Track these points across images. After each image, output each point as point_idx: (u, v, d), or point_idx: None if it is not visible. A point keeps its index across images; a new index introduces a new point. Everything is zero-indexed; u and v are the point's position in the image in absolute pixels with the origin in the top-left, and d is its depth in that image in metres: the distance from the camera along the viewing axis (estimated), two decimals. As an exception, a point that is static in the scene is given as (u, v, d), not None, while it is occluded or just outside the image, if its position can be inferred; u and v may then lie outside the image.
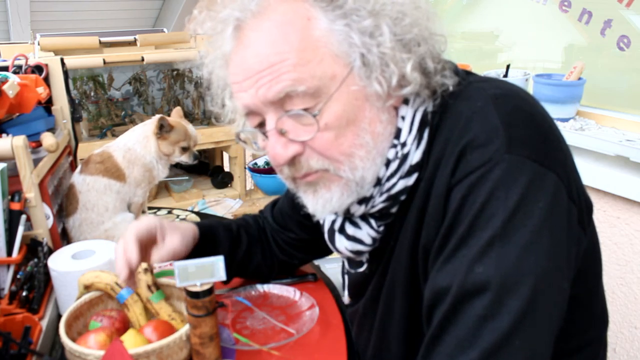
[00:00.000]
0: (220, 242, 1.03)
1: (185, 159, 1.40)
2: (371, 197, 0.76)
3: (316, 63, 0.67)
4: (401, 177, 0.73)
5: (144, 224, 0.89)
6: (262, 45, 0.68)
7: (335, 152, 0.70)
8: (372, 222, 0.80)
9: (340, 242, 0.84)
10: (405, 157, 0.72)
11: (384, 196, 0.75)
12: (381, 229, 0.80)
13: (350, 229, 0.82)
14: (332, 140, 0.70)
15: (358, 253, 0.85)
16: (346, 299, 0.98)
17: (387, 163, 0.73)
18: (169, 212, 1.59)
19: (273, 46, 0.67)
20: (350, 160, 0.71)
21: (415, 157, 0.72)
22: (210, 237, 1.02)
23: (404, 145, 0.72)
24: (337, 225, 0.85)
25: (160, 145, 1.32)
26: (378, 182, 0.74)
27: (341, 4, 0.67)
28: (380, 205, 0.76)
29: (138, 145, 1.30)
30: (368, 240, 0.81)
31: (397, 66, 0.68)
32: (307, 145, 0.70)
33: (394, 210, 0.78)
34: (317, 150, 0.70)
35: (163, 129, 1.32)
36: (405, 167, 0.73)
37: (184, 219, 1.52)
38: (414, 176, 0.73)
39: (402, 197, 0.75)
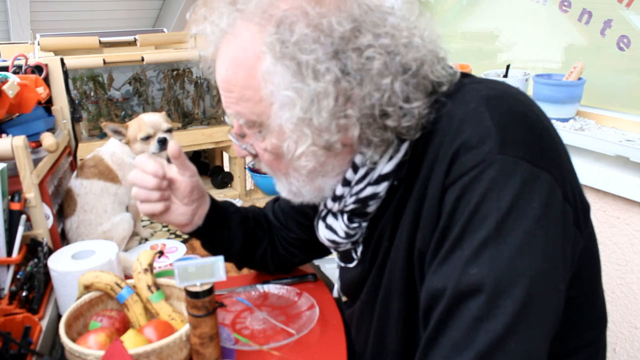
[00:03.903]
0: (230, 215, 1.05)
1: (153, 149, 1.28)
2: (342, 197, 0.78)
3: (255, 102, 0.71)
4: (369, 184, 0.76)
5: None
6: (222, 69, 0.73)
7: (274, 168, 0.79)
8: (344, 217, 0.83)
9: (321, 229, 0.88)
10: (374, 164, 0.74)
11: (353, 198, 0.78)
12: (354, 225, 0.82)
13: (329, 219, 0.86)
14: (272, 160, 0.77)
15: (335, 243, 0.87)
16: (335, 292, 0.98)
17: (355, 168, 0.75)
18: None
19: (227, 74, 0.72)
20: (287, 178, 0.79)
21: (385, 167, 0.74)
22: (222, 208, 1.04)
23: (363, 152, 0.73)
24: (322, 214, 0.88)
25: (130, 148, 1.29)
26: (348, 184, 0.77)
27: (281, 57, 0.66)
28: (352, 206, 0.79)
29: (119, 149, 1.30)
30: (341, 233, 0.84)
31: (295, 142, 0.70)
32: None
33: (369, 210, 0.80)
34: (262, 161, 0.80)
35: (119, 134, 1.28)
36: (374, 175, 0.75)
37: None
38: (383, 185, 0.75)
39: (372, 202, 0.78)
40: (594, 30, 1.55)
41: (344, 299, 1.00)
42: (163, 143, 1.29)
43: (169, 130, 1.32)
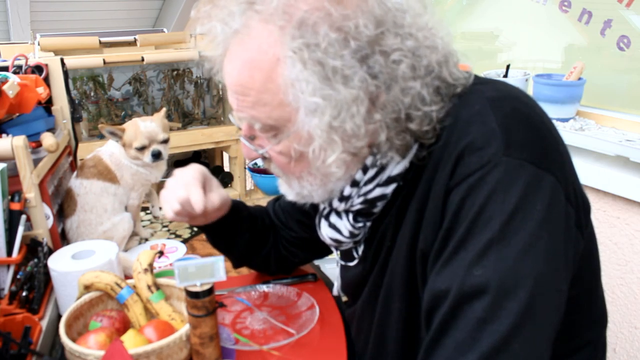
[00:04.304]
0: (241, 220, 1.04)
1: (146, 159, 1.27)
2: (349, 197, 0.77)
3: (273, 107, 0.68)
4: (378, 185, 0.75)
5: (198, 172, 0.92)
6: (235, 71, 0.70)
7: (287, 171, 0.77)
8: (350, 217, 0.82)
9: (324, 228, 0.87)
10: (383, 166, 0.73)
11: (361, 199, 0.77)
12: (359, 225, 0.82)
13: (332, 217, 0.85)
14: (285, 163, 0.75)
15: (338, 242, 0.87)
16: (335, 290, 0.98)
17: (365, 169, 0.74)
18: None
19: (241, 77, 0.69)
20: (300, 182, 0.77)
21: (395, 169, 0.73)
22: (235, 212, 1.03)
23: (385, 154, 0.72)
24: (325, 212, 0.87)
25: (125, 151, 1.28)
26: (356, 184, 0.76)
27: (305, 59, 0.64)
28: (359, 206, 0.79)
29: (117, 150, 1.30)
30: (345, 232, 0.83)
31: (324, 150, 0.69)
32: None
33: (375, 210, 0.79)
34: (274, 162, 0.77)
35: (116, 136, 1.27)
36: (384, 177, 0.74)
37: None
38: (392, 186, 0.75)
39: (379, 203, 0.77)
40: (594, 30, 1.55)
41: (344, 298, 1.00)
42: (157, 157, 1.28)
43: (165, 141, 1.31)
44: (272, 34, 0.66)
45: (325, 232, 0.87)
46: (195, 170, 0.92)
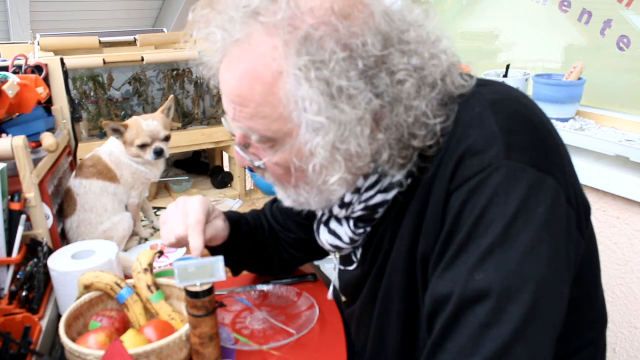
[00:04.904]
0: (242, 236, 1.03)
1: (148, 157, 1.29)
2: (350, 204, 0.77)
3: (273, 120, 0.67)
4: (380, 192, 0.75)
5: (202, 212, 0.89)
6: (234, 81, 0.68)
7: (284, 181, 0.76)
8: (351, 223, 0.81)
9: (324, 234, 0.87)
10: (385, 173, 0.73)
11: (362, 205, 0.76)
12: (360, 231, 0.81)
13: (333, 224, 0.85)
14: (281, 174, 0.74)
15: (338, 248, 0.86)
16: (330, 295, 0.98)
17: (366, 176, 0.74)
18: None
19: (240, 87, 0.67)
20: (297, 190, 0.76)
21: (397, 175, 0.73)
22: (235, 228, 1.02)
23: (386, 162, 0.72)
24: (324, 218, 0.87)
25: (126, 149, 1.29)
26: (357, 191, 0.75)
27: (311, 78, 0.62)
28: (360, 213, 0.78)
29: (117, 149, 1.30)
30: (346, 239, 0.83)
31: (326, 169, 0.68)
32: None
33: (377, 216, 0.79)
34: (271, 174, 0.76)
35: (118, 133, 1.28)
36: (385, 183, 0.74)
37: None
38: (393, 192, 0.74)
39: (381, 209, 0.77)
40: (594, 30, 1.55)
41: (343, 299, 1.00)
42: (159, 154, 1.30)
43: (167, 139, 1.32)
44: (276, 49, 0.64)
45: (325, 239, 0.86)
46: (199, 210, 0.89)
